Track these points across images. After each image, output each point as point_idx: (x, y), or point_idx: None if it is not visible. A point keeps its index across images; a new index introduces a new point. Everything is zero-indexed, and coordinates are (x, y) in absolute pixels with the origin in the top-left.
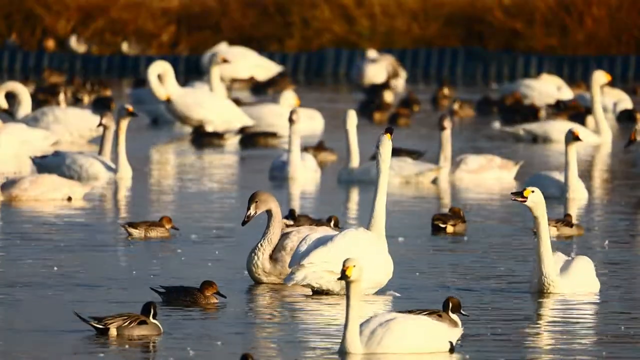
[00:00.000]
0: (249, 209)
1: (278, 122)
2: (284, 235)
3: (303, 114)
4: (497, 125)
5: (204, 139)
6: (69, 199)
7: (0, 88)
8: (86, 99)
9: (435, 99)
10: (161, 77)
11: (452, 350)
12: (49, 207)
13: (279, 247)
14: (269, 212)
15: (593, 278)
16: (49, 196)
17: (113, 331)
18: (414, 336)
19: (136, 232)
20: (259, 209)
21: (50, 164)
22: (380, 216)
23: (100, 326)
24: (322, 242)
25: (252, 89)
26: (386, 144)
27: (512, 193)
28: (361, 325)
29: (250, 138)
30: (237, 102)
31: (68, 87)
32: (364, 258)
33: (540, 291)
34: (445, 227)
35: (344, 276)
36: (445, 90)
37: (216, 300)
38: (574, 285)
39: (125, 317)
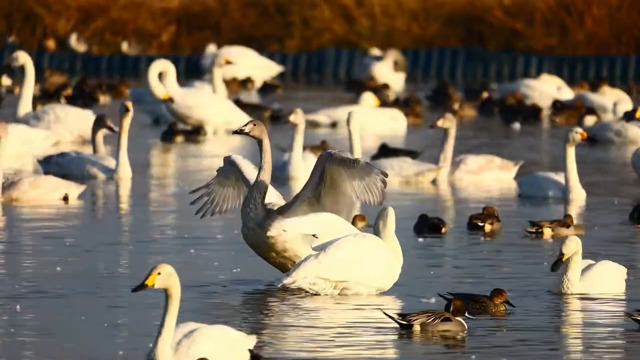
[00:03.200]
0: (246, 125)
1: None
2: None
3: (385, 114)
4: (517, 126)
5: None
6: (65, 198)
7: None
8: (102, 98)
9: (442, 99)
10: (162, 76)
11: (252, 357)
12: (51, 208)
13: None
14: (260, 145)
15: (614, 282)
16: (48, 197)
17: (417, 327)
18: (219, 345)
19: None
20: (253, 132)
21: (56, 164)
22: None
23: (405, 322)
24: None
25: (259, 90)
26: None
27: (551, 270)
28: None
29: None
30: (238, 103)
31: (85, 86)
32: (362, 265)
33: (559, 292)
34: (484, 226)
35: (142, 286)
36: (450, 90)
37: (505, 309)
38: (588, 288)
39: (430, 314)
